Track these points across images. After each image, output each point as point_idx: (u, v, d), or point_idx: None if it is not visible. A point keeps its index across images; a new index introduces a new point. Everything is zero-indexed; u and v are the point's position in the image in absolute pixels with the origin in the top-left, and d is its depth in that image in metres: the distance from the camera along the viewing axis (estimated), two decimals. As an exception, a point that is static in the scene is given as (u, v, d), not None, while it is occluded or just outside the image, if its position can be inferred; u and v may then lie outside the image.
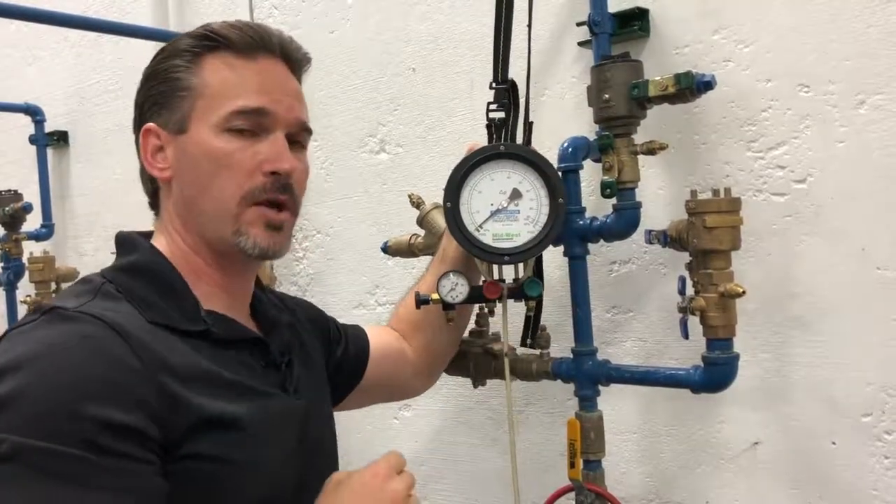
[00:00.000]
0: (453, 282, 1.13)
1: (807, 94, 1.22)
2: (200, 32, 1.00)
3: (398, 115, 1.72)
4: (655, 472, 1.41)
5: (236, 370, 0.94)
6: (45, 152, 2.51)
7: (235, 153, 0.96)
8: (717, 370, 1.11)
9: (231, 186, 0.96)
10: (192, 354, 0.90)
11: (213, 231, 0.98)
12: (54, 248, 2.51)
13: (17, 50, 2.73)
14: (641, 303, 1.40)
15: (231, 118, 0.96)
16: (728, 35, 1.28)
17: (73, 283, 1.00)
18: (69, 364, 0.80)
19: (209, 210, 0.97)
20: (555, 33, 1.46)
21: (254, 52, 0.99)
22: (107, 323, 0.84)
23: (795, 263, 1.25)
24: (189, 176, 0.98)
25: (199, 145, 0.97)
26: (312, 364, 1.13)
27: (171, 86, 0.98)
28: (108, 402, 0.79)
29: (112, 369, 0.82)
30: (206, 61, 0.98)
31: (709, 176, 1.31)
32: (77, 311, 0.85)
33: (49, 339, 0.83)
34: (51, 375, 0.79)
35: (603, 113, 1.17)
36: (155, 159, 1.00)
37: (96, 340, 0.83)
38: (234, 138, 0.96)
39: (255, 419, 0.92)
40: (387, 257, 1.57)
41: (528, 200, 1.12)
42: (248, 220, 0.97)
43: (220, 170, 0.96)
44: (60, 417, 0.77)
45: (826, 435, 1.24)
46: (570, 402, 1.29)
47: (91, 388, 0.79)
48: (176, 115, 0.98)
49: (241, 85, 0.97)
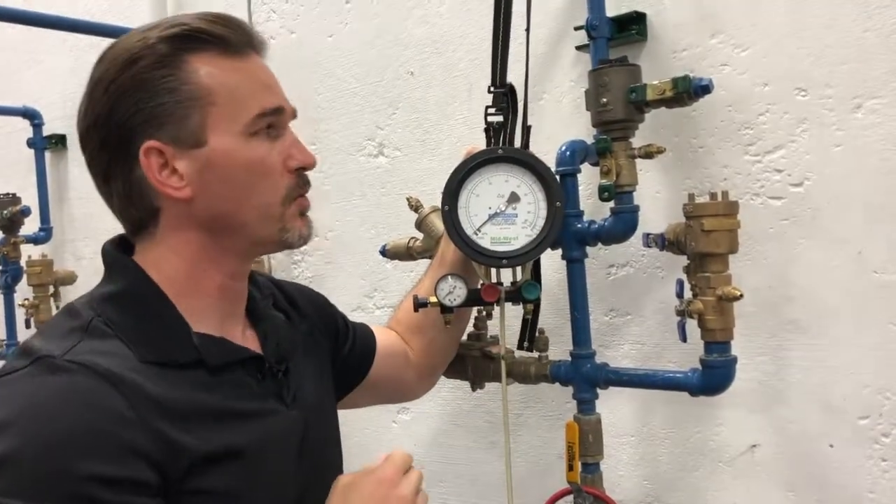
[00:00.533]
0: (451, 285, 1.13)
1: (804, 97, 1.23)
2: (179, 32, 0.92)
3: (396, 118, 1.72)
4: (653, 475, 1.42)
5: (232, 394, 0.93)
6: (43, 156, 2.51)
7: (267, 157, 0.94)
8: (714, 373, 1.11)
9: (272, 192, 0.95)
10: (187, 390, 0.88)
11: (256, 237, 0.97)
12: (52, 252, 2.51)
13: (16, 53, 2.73)
14: (639, 306, 1.41)
15: (255, 122, 0.93)
16: (725, 39, 1.29)
17: (60, 312, 0.94)
18: (61, 422, 0.78)
19: (252, 219, 0.95)
20: (553, 37, 1.46)
21: (238, 47, 0.95)
22: (98, 373, 0.81)
23: (792, 267, 1.25)
24: (221, 189, 0.93)
25: (228, 156, 0.92)
26: (313, 363, 1.12)
27: (170, 98, 0.90)
28: (103, 457, 0.78)
29: (106, 422, 0.79)
30: (192, 64, 0.91)
31: (706, 179, 1.31)
32: (66, 360, 0.82)
33: (39, 395, 0.80)
34: (43, 435, 0.77)
35: (601, 117, 1.17)
36: (167, 179, 0.91)
37: (87, 394, 0.80)
38: (263, 141, 0.94)
39: (255, 445, 0.91)
40: (385, 260, 1.57)
41: (526, 204, 1.12)
42: (291, 215, 0.97)
43: (258, 178, 0.94)
44: (57, 478, 0.75)
45: (823, 438, 1.24)
46: (568, 405, 1.29)
47: (85, 444, 0.78)
48: (186, 129, 0.91)
49: (253, 86, 0.94)
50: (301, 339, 1.11)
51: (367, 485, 0.92)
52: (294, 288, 1.21)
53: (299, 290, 1.22)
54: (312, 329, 1.16)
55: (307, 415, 1.02)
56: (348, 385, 1.23)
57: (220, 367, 0.93)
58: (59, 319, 0.92)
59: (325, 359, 1.16)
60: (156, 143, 0.90)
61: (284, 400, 1.00)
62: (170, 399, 0.85)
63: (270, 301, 1.12)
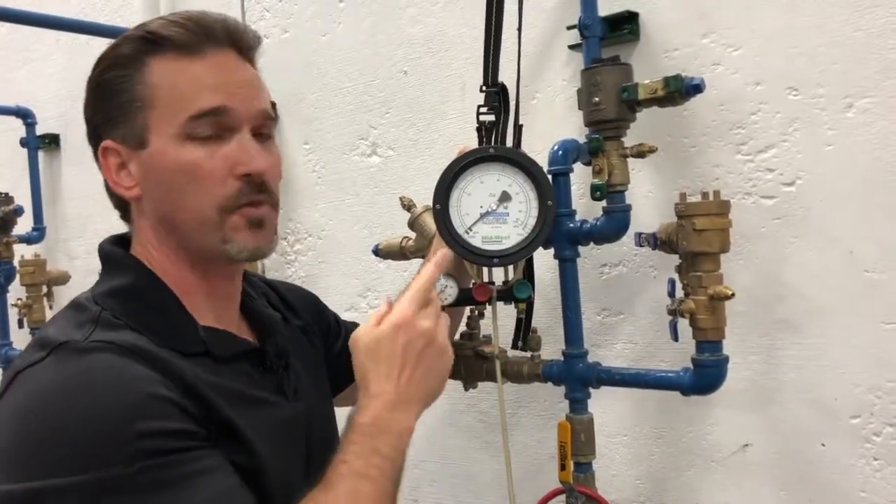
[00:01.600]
0: (443, 284, 1.12)
1: (795, 97, 1.23)
2: (139, 34, 0.93)
3: (390, 117, 1.72)
4: (646, 475, 1.42)
5: (238, 382, 0.94)
6: (36, 155, 2.50)
7: (203, 162, 0.91)
8: (706, 372, 1.11)
9: (206, 198, 0.91)
10: (199, 370, 0.89)
11: (197, 243, 0.94)
12: (45, 251, 2.50)
13: (9, 52, 2.72)
14: (632, 305, 1.41)
15: (190, 124, 0.90)
16: (717, 39, 1.29)
17: (65, 308, 0.94)
18: (107, 391, 0.79)
19: (188, 223, 0.93)
20: (545, 37, 1.46)
21: (199, 47, 0.92)
22: (125, 349, 0.83)
23: (784, 266, 1.25)
24: (159, 192, 0.93)
25: (163, 159, 0.91)
26: (309, 361, 1.12)
27: (122, 98, 0.92)
28: (156, 414, 0.79)
29: (148, 385, 0.81)
30: (151, 66, 0.92)
31: (698, 179, 1.31)
32: (90, 342, 0.83)
33: (71, 377, 0.80)
34: (92, 408, 0.77)
35: (593, 116, 1.17)
36: (120, 178, 0.94)
37: (122, 365, 0.82)
38: (199, 145, 0.91)
39: (259, 430, 0.91)
40: (378, 260, 1.57)
41: (518, 203, 1.12)
42: (232, 225, 0.93)
43: (191, 182, 0.91)
44: (119, 444, 0.76)
45: (815, 437, 1.25)
46: (560, 404, 1.29)
47: (135, 406, 0.79)
48: (133, 130, 0.92)
49: (192, 87, 0.91)
50: (295, 336, 1.12)
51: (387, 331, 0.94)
52: (286, 287, 1.22)
53: (290, 289, 1.23)
54: (306, 328, 1.16)
55: (310, 407, 1.03)
56: (340, 383, 1.23)
57: (226, 359, 0.94)
58: (67, 313, 0.92)
59: (319, 358, 1.17)
60: (111, 143, 0.93)
61: (286, 393, 1.01)
62: (189, 372, 0.86)
63: (265, 300, 1.12)
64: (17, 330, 2.36)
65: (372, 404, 0.93)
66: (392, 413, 0.93)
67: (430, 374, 0.98)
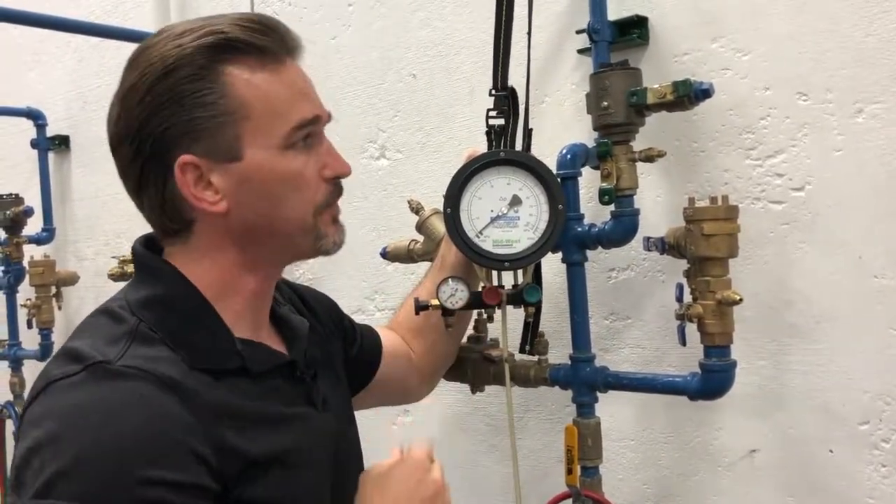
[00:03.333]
0: (453, 287, 1.13)
1: (805, 102, 1.23)
2: (215, 41, 0.88)
3: (398, 121, 1.72)
4: (653, 480, 1.41)
5: (272, 400, 0.93)
6: (46, 156, 2.52)
7: (303, 171, 0.92)
8: (714, 377, 1.11)
9: (305, 205, 0.94)
10: (234, 396, 0.88)
11: (291, 249, 0.97)
12: (55, 252, 2.52)
13: (20, 54, 2.74)
14: (640, 310, 1.41)
15: (292, 135, 0.91)
16: (726, 43, 1.29)
17: (99, 314, 0.92)
18: (123, 429, 0.78)
19: (286, 231, 0.94)
20: (554, 41, 1.46)
21: (278, 53, 0.92)
22: (158, 378, 0.82)
23: (793, 271, 1.25)
24: (255, 203, 0.91)
25: (263, 170, 0.90)
26: (333, 368, 1.12)
27: (206, 112, 0.87)
28: (169, 462, 0.79)
29: (170, 428, 0.80)
30: (231, 75, 0.88)
31: (707, 183, 1.31)
32: (123, 365, 0.82)
33: (98, 403, 0.80)
34: (107, 443, 0.77)
35: (601, 120, 1.17)
36: (202, 193, 0.89)
37: (146, 399, 0.81)
38: (299, 153, 0.92)
39: (298, 448, 0.92)
40: (386, 262, 1.57)
41: (528, 207, 1.12)
42: (324, 223, 0.96)
43: (293, 191, 0.92)
44: (122, 486, 0.76)
45: (823, 443, 1.24)
46: (567, 408, 1.29)
47: (151, 450, 0.78)
48: (221, 143, 0.89)
49: (289, 97, 0.91)
50: (322, 343, 1.12)
51: (400, 472, 0.95)
52: (306, 291, 1.22)
53: (312, 294, 1.23)
54: (325, 329, 1.16)
55: (338, 417, 1.04)
56: (356, 387, 1.22)
57: (262, 374, 0.93)
58: (101, 322, 0.90)
59: (338, 362, 1.16)
60: (191, 158, 0.88)
61: (315, 404, 1.00)
62: (222, 404, 0.86)
63: (290, 306, 1.12)
64: (27, 330, 2.37)
65: None
66: None
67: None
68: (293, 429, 0.93)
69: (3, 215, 2.33)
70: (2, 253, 2.40)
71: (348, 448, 1.08)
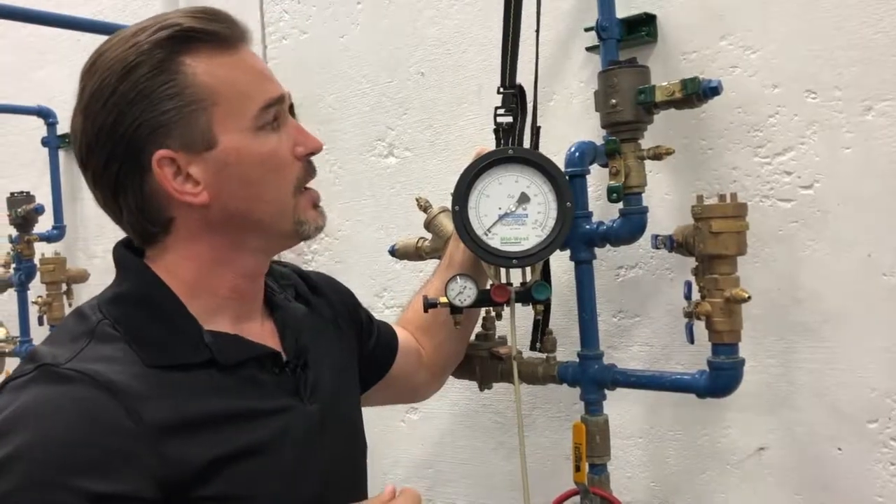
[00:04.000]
0: (461, 285, 1.13)
1: (814, 100, 1.23)
2: (171, 33, 0.89)
3: (407, 119, 1.73)
4: (661, 477, 1.41)
5: (245, 393, 0.92)
6: (56, 154, 2.53)
7: (278, 149, 0.94)
8: (722, 375, 1.11)
9: (284, 184, 0.95)
10: (197, 394, 0.88)
11: (273, 233, 0.97)
12: (65, 250, 2.53)
13: (30, 53, 2.75)
14: (648, 307, 1.41)
15: (261, 115, 0.92)
16: (735, 41, 1.29)
17: (70, 314, 0.94)
18: (57, 433, 0.78)
19: (268, 214, 0.94)
20: (563, 38, 1.46)
21: (233, 39, 0.93)
22: (100, 383, 0.81)
23: (801, 269, 1.25)
24: (235, 189, 0.92)
25: (240, 153, 0.91)
26: (337, 353, 1.11)
27: (172, 104, 0.88)
28: (97, 472, 0.78)
29: (102, 435, 0.79)
30: (190, 65, 0.89)
31: (715, 181, 1.31)
32: (68, 368, 0.82)
33: (37, 404, 0.80)
34: (39, 445, 0.77)
35: (610, 118, 1.17)
36: (183, 186, 0.90)
37: (87, 404, 0.80)
38: (271, 133, 0.93)
39: (271, 442, 0.91)
40: (394, 260, 1.57)
41: (537, 204, 1.12)
42: (303, 207, 0.97)
43: (270, 172, 0.93)
44: (50, 488, 0.76)
45: (831, 441, 1.24)
46: (575, 405, 1.29)
47: (80, 457, 0.78)
48: (194, 133, 0.89)
49: (252, 78, 0.93)
50: (322, 325, 1.10)
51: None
52: (318, 276, 1.22)
53: (325, 279, 1.23)
54: (336, 316, 1.16)
55: (325, 408, 1.01)
56: (368, 381, 1.22)
57: (233, 366, 0.92)
58: (68, 322, 0.92)
59: (348, 347, 1.16)
60: (167, 152, 0.88)
61: (301, 395, 0.99)
62: (175, 407, 0.85)
63: (292, 292, 1.11)
64: (38, 327, 2.38)
65: None
66: None
67: None
68: (266, 423, 0.92)
69: (14, 213, 2.35)
70: (13, 250, 2.41)
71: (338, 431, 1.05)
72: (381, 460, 1.76)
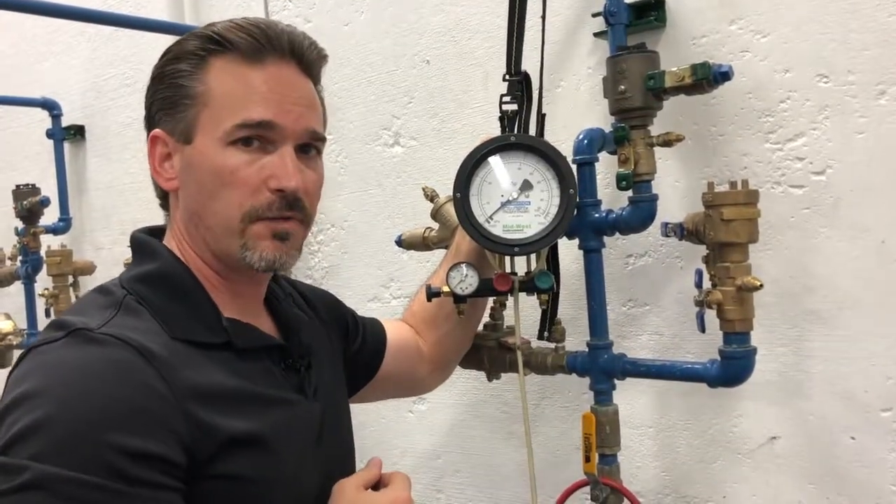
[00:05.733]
0: (463, 273, 1.12)
1: (826, 84, 1.21)
2: (206, 34, 0.94)
3: (412, 107, 1.71)
4: (671, 467, 1.40)
5: (258, 380, 0.93)
6: (62, 146, 2.52)
7: (240, 169, 0.91)
8: (733, 364, 1.10)
9: (233, 204, 0.92)
10: (216, 371, 0.89)
11: (218, 245, 0.95)
12: (71, 242, 2.52)
13: (34, 45, 2.74)
14: (657, 296, 1.39)
15: (235, 131, 0.91)
16: (745, 25, 1.27)
17: (91, 291, 0.96)
18: (96, 391, 0.79)
19: (213, 225, 0.94)
20: (570, 24, 1.45)
21: (261, 55, 0.93)
22: (133, 346, 0.83)
23: (813, 256, 1.23)
24: (193, 189, 0.94)
25: (204, 158, 0.92)
26: (330, 360, 1.12)
27: (177, 92, 0.94)
28: (135, 430, 0.79)
29: (139, 396, 0.81)
30: (212, 66, 0.93)
31: (726, 168, 1.29)
32: (102, 332, 0.83)
33: (75, 364, 0.81)
34: (77, 403, 0.78)
35: (619, 104, 1.15)
36: (163, 168, 0.96)
37: (123, 365, 0.82)
38: (240, 152, 0.92)
39: (279, 433, 0.92)
40: (401, 250, 1.56)
41: (539, 192, 1.11)
42: (255, 233, 0.93)
43: (223, 186, 0.92)
44: (86, 446, 0.76)
45: (844, 430, 1.23)
46: (585, 395, 1.28)
47: (118, 416, 0.79)
48: (181, 124, 0.94)
49: (246, 95, 0.92)
50: (320, 337, 1.12)
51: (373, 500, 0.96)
52: (307, 288, 1.23)
53: (312, 290, 1.24)
54: (327, 329, 1.17)
55: (326, 409, 1.03)
56: (358, 383, 1.23)
57: (247, 352, 0.94)
58: (92, 297, 0.94)
59: (337, 358, 1.17)
60: (161, 133, 0.96)
61: (306, 393, 1.00)
62: (200, 379, 0.86)
63: (290, 300, 1.12)
64: (45, 319, 2.38)
65: None
66: None
67: None
68: (275, 411, 0.93)
69: (20, 206, 2.34)
70: (19, 243, 2.42)
71: (336, 433, 1.07)
72: (389, 451, 1.76)
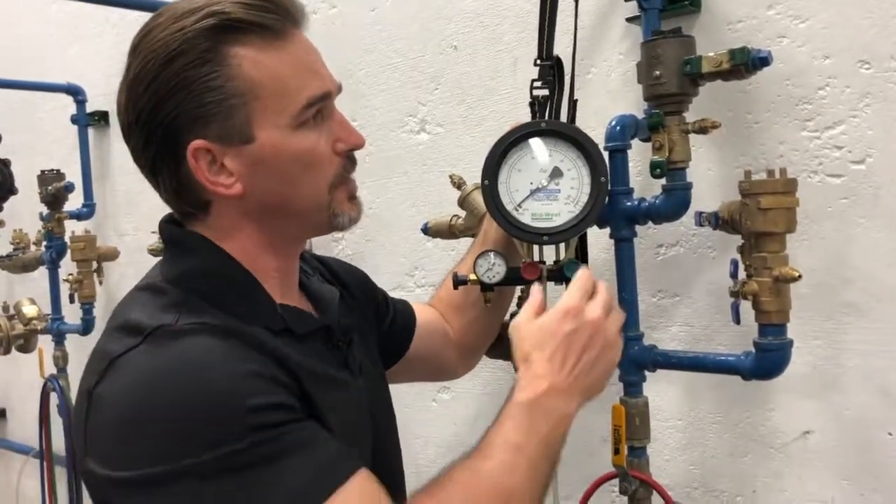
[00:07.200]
0: (491, 262, 1.10)
1: (867, 70, 1.17)
2: (218, 22, 0.86)
3: (439, 94, 1.69)
4: (700, 460, 1.38)
5: (317, 362, 0.94)
6: (86, 132, 2.53)
7: (316, 147, 0.92)
8: (769, 356, 1.07)
9: (319, 182, 0.93)
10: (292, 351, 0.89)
11: (307, 225, 0.97)
12: (95, 228, 2.54)
13: (59, 30, 2.75)
14: (689, 287, 1.37)
15: (302, 113, 0.90)
16: (783, 10, 1.24)
17: (138, 290, 0.93)
18: (213, 372, 0.80)
19: (301, 209, 0.94)
20: (602, 9, 1.42)
21: (282, 29, 0.90)
22: (220, 329, 0.84)
23: (851, 247, 1.20)
24: (272, 184, 0.91)
25: (278, 150, 0.89)
26: (365, 335, 1.12)
27: (213, 96, 0.86)
28: (263, 390, 0.80)
29: (250, 363, 0.82)
30: (236, 56, 0.86)
31: (761, 156, 1.27)
32: (184, 325, 0.83)
33: (175, 356, 0.81)
34: (206, 388, 0.79)
35: (653, 90, 1.13)
36: (217, 178, 0.89)
37: (221, 346, 0.82)
38: (309, 130, 0.91)
39: (336, 411, 0.92)
40: (427, 238, 1.55)
41: (570, 179, 1.08)
42: (339, 200, 0.95)
43: (306, 170, 0.92)
44: (237, 421, 0.77)
45: (881, 425, 1.20)
46: (614, 387, 1.26)
47: (244, 383, 0.80)
48: (232, 126, 0.88)
49: (295, 73, 0.90)
50: (354, 313, 1.11)
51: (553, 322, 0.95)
52: (336, 263, 1.22)
53: (342, 265, 1.23)
54: (359, 305, 1.16)
55: (370, 385, 1.05)
56: (388, 360, 1.22)
57: (304, 336, 0.94)
58: (144, 298, 0.90)
59: (370, 333, 1.16)
60: (203, 143, 0.87)
61: (352, 370, 1.01)
62: (285, 354, 0.87)
63: (318, 276, 1.12)
64: (69, 305, 2.39)
65: (534, 385, 0.93)
66: (553, 398, 0.94)
67: (596, 366, 0.96)
68: (337, 391, 0.95)
69: (44, 191, 2.36)
70: (44, 229, 2.43)
71: (387, 414, 1.09)
72: (413, 440, 1.75)
